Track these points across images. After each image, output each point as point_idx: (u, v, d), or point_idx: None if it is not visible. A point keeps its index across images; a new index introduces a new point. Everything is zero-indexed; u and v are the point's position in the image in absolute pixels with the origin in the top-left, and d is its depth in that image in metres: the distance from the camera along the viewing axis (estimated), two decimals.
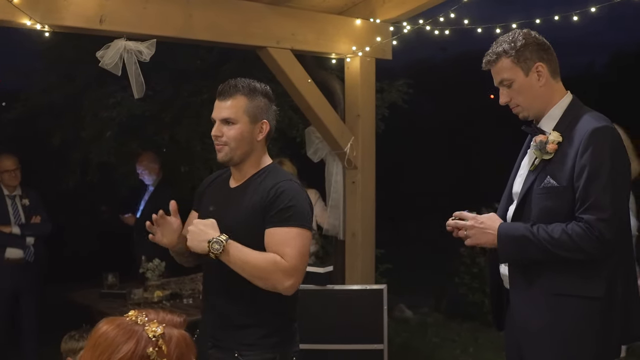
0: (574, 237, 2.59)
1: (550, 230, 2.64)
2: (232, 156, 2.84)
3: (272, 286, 2.69)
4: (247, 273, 2.68)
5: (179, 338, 1.76)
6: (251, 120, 2.82)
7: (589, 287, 2.65)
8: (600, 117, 2.73)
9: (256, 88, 2.86)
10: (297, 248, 2.69)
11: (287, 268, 2.66)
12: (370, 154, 5.44)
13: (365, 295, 4.63)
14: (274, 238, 2.71)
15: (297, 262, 2.68)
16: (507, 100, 2.87)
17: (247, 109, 2.82)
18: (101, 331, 1.73)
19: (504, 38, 2.86)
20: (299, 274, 2.71)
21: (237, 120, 2.81)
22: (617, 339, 2.72)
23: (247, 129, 2.82)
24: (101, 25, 4.04)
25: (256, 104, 2.84)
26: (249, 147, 2.84)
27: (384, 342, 4.52)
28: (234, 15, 4.58)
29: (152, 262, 5.56)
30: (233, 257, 2.66)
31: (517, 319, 2.85)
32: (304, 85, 5.00)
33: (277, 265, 2.65)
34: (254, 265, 2.67)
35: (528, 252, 2.69)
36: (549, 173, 2.71)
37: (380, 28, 5.26)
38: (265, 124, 2.86)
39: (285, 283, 2.67)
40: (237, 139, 2.81)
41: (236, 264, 2.67)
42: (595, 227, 2.56)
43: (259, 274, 2.67)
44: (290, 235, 2.70)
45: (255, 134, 2.85)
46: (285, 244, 2.69)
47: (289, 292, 2.72)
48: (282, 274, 2.66)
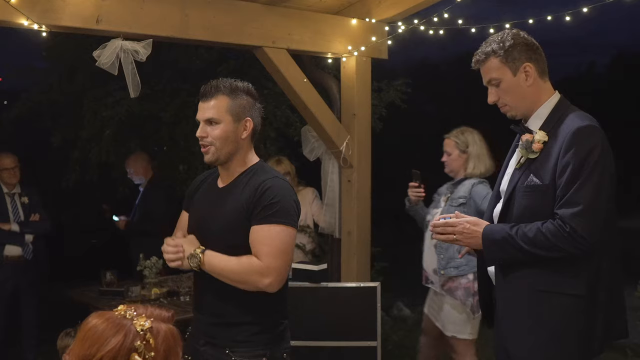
0: (548, 235, 2.63)
1: (527, 230, 2.68)
2: (219, 156, 2.89)
3: (253, 287, 2.77)
4: (227, 279, 2.79)
5: (167, 332, 1.80)
6: (234, 119, 2.86)
7: (570, 284, 2.69)
8: (585, 117, 2.76)
9: (238, 87, 2.90)
10: (274, 246, 2.75)
11: (262, 268, 2.73)
12: (366, 153, 5.47)
13: (359, 292, 4.66)
14: (255, 236, 2.78)
15: (273, 260, 2.74)
16: (495, 100, 2.90)
17: (230, 108, 2.86)
18: (90, 325, 1.77)
19: (493, 38, 2.90)
20: (276, 272, 2.76)
21: (220, 120, 2.85)
22: (600, 337, 2.75)
23: (231, 128, 2.86)
24: (98, 25, 4.08)
25: (238, 103, 2.88)
26: (234, 146, 2.89)
27: (377, 339, 4.55)
28: (230, 15, 4.62)
29: (150, 260, 5.59)
30: (211, 268, 2.79)
31: (501, 316, 2.89)
32: (300, 84, 5.03)
33: (251, 266, 2.74)
34: (230, 270, 2.77)
35: (510, 254, 2.74)
36: (533, 171, 2.75)
37: (376, 28, 5.29)
38: (249, 121, 2.90)
39: (263, 282, 2.74)
40: (222, 138, 2.85)
41: (215, 273, 2.80)
42: (567, 223, 2.59)
43: (237, 278, 2.78)
44: (270, 234, 2.76)
45: (240, 132, 2.88)
46: (263, 243, 2.76)
47: (272, 290, 2.78)
48: (258, 275, 2.74)
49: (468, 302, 4.51)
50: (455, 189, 4.64)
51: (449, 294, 4.57)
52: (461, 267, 4.48)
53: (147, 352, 1.73)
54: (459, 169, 4.67)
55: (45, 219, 6.30)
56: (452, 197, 4.60)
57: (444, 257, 4.55)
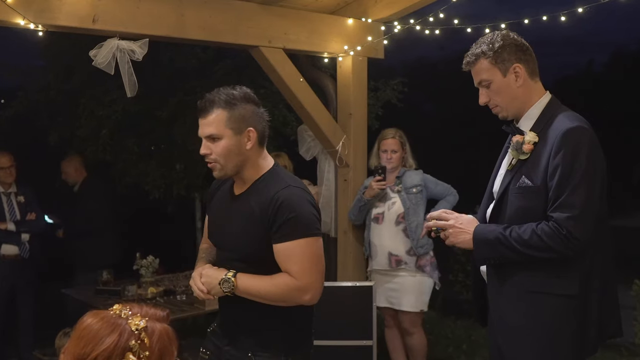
0: (543, 237, 2.63)
1: (521, 231, 2.68)
2: (226, 171, 2.81)
3: (294, 303, 2.74)
4: (265, 301, 2.72)
5: (162, 331, 1.81)
6: (235, 132, 2.75)
7: (562, 284, 2.69)
8: (575, 118, 2.76)
9: (235, 97, 2.76)
10: (304, 262, 2.68)
11: (299, 286, 2.68)
12: (362, 152, 5.49)
13: (355, 292, 4.67)
14: (282, 256, 2.71)
15: (307, 277, 2.68)
16: (486, 101, 2.91)
17: (229, 122, 2.73)
18: (85, 324, 1.78)
19: (482, 39, 2.89)
20: (313, 286, 2.71)
21: (221, 135, 2.74)
22: (593, 337, 2.75)
23: (233, 141, 2.75)
24: (94, 25, 4.09)
25: (237, 114, 2.75)
26: (239, 159, 2.79)
27: (373, 338, 4.57)
28: (226, 14, 4.63)
29: (146, 259, 5.60)
30: (245, 290, 2.71)
31: (494, 316, 2.90)
32: (296, 84, 5.05)
33: (288, 286, 2.68)
34: (267, 293, 2.71)
35: (501, 254, 2.75)
36: (524, 173, 2.76)
37: (372, 27, 5.31)
38: (252, 131, 2.78)
39: (304, 298, 2.71)
40: (224, 154, 2.76)
41: (250, 296, 2.73)
42: (564, 226, 2.60)
43: (276, 299, 2.72)
44: (296, 251, 2.68)
45: (243, 144, 2.77)
46: (292, 261, 2.69)
47: (313, 302, 2.76)
48: (297, 292, 2.69)
49: (435, 275, 5.16)
50: (402, 181, 5.15)
51: (420, 271, 5.08)
52: (425, 246, 5.08)
53: (141, 352, 1.74)
54: (399, 163, 5.20)
55: (42, 217, 6.30)
56: (405, 188, 5.11)
57: (414, 239, 5.04)
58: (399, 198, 5.11)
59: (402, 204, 5.09)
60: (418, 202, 5.10)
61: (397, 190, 5.13)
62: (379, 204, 5.16)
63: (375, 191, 5.04)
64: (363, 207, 5.15)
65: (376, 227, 5.15)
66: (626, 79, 22.18)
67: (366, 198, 5.10)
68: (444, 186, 5.23)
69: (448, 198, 5.18)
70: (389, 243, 5.11)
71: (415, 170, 5.25)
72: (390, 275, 5.14)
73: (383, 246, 5.12)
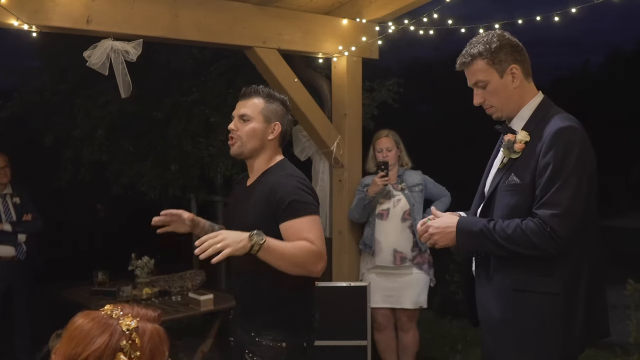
0: (527, 232, 2.64)
1: (505, 225, 2.69)
2: (243, 150, 3.11)
3: (307, 272, 2.91)
4: (284, 263, 2.84)
5: (153, 332, 1.81)
6: (265, 120, 3.10)
7: (546, 283, 2.70)
8: (566, 117, 2.77)
9: (274, 95, 3.16)
10: (315, 232, 2.90)
11: (317, 251, 2.88)
12: (356, 152, 5.50)
13: (350, 292, 4.69)
14: (291, 229, 2.91)
15: (321, 245, 2.90)
16: (481, 101, 2.90)
17: (263, 110, 3.11)
18: (77, 324, 1.79)
19: (477, 39, 2.88)
20: (325, 256, 2.93)
21: (252, 118, 3.09)
22: (578, 337, 2.75)
23: (260, 127, 3.09)
24: (88, 26, 4.10)
25: (272, 108, 3.12)
26: (259, 144, 3.11)
27: (367, 338, 4.58)
28: (220, 15, 4.63)
29: (141, 260, 5.60)
30: (270, 248, 2.77)
31: (482, 315, 2.90)
32: (290, 84, 5.05)
33: (309, 250, 2.86)
34: (289, 254, 2.83)
35: (483, 247, 2.77)
36: (514, 171, 2.76)
37: (366, 28, 5.32)
38: (278, 125, 3.13)
39: (318, 266, 2.90)
40: (249, 133, 3.09)
41: (275, 256, 2.81)
42: (548, 223, 2.61)
43: (297, 262, 2.85)
44: (305, 224, 2.90)
45: (267, 133, 3.11)
46: (305, 231, 2.89)
47: (320, 274, 2.95)
48: (315, 258, 2.87)
49: (431, 273, 5.27)
50: (403, 179, 5.26)
51: (417, 267, 5.19)
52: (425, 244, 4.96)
53: (132, 352, 1.74)
54: (396, 161, 5.28)
55: (38, 218, 6.29)
56: (407, 186, 5.24)
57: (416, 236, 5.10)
58: (403, 195, 5.22)
59: (408, 201, 5.18)
60: (419, 200, 5.24)
61: (400, 188, 5.24)
62: (384, 200, 5.23)
63: (380, 187, 5.08)
64: (367, 204, 5.17)
65: (381, 223, 5.21)
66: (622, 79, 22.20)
67: (370, 195, 5.13)
68: (440, 188, 5.39)
69: (443, 199, 5.33)
70: (394, 239, 5.17)
71: (415, 170, 5.38)
72: (391, 273, 5.18)
73: (388, 242, 5.17)
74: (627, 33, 28.39)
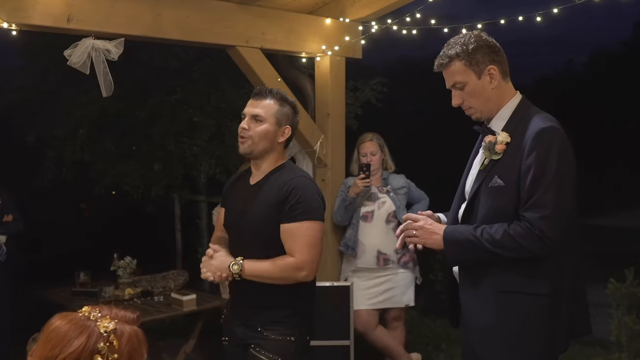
0: (516, 237, 2.63)
1: (493, 231, 2.68)
2: (253, 150, 3.16)
3: (292, 281, 3.06)
4: (267, 280, 3.07)
5: (131, 334, 1.79)
6: (277, 123, 3.17)
7: (534, 284, 2.70)
8: (547, 118, 2.77)
9: (287, 99, 3.23)
10: (304, 242, 3.03)
11: (296, 263, 3.02)
12: (340, 152, 5.49)
13: (333, 292, 4.68)
14: (286, 234, 3.06)
15: (304, 255, 3.02)
16: (460, 102, 2.89)
17: (276, 113, 3.17)
18: (54, 326, 1.76)
19: (455, 40, 2.87)
20: (309, 264, 3.04)
21: (265, 119, 3.15)
22: (563, 335, 2.77)
23: (272, 129, 3.16)
24: (69, 24, 4.05)
25: (284, 111, 3.19)
26: (269, 145, 3.17)
27: (350, 338, 4.57)
28: (203, 14, 4.60)
29: (124, 260, 5.57)
30: (251, 272, 3.07)
31: (467, 317, 2.90)
32: (274, 84, 5.01)
33: (287, 265, 3.04)
34: (269, 274, 3.06)
35: (473, 255, 2.75)
36: (497, 173, 2.75)
37: (349, 27, 5.31)
38: (288, 129, 3.21)
39: (300, 275, 3.04)
40: (261, 135, 3.14)
41: (255, 277, 3.08)
42: (536, 226, 2.60)
43: (276, 278, 3.06)
44: (298, 231, 3.04)
45: (277, 136, 3.18)
46: (293, 240, 3.04)
47: (309, 279, 3.10)
48: (294, 270, 3.03)
49: (416, 270, 5.32)
50: (388, 182, 5.30)
51: (403, 267, 5.22)
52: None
53: (110, 354, 1.72)
54: (380, 165, 5.30)
55: (19, 219, 6.22)
56: (393, 189, 5.28)
57: None
58: (388, 198, 5.23)
59: (393, 203, 5.20)
60: (404, 202, 5.28)
61: (386, 191, 5.26)
62: (368, 202, 5.24)
63: (360, 189, 5.08)
64: (349, 206, 5.18)
65: (365, 225, 5.21)
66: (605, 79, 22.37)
67: (351, 196, 5.14)
68: (420, 191, 5.45)
69: (423, 202, 5.40)
70: (378, 241, 5.18)
71: (398, 174, 5.41)
72: (375, 275, 5.18)
73: (372, 244, 5.18)
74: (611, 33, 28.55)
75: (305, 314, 3.20)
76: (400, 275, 5.22)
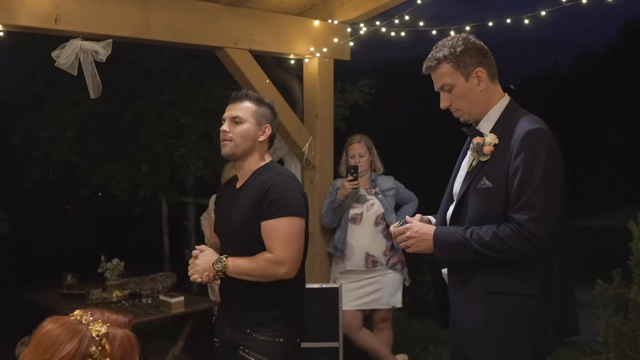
0: (505, 238, 2.65)
1: (482, 233, 2.70)
2: (235, 151, 3.23)
3: (273, 278, 3.08)
4: (249, 277, 3.10)
5: (123, 338, 1.78)
6: (256, 122, 3.24)
7: (522, 285, 2.71)
8: (534, 120, 2.78)
9: (263, 100, 3.31)
10: (283, 239, 3.06)
11: (276, 260, 3.05)
12: (328, 154, 5.49)
13: (322, 293, 4.68)
14: (265, 232, 3.10)
15: (283, 251, 3.05)
16: (448, 105, 2.91)
17: (254, 113, 3.24)
18: (45, 330, 1.75)
19: (443, 43, 2.88)
20: (289, 261, 3.07)
21: (244, 120, 3.22)
22: (552, 336, 2.78)
23: (253, 128, 3.23)
24: (56, 25, 4.03)
25: (262, 111, 3.27)
26: (250, 145, 3.24)
27: (339, 340, 4.57)
28: (191, 15, 4.59)
29: (111, 262, 5.55)
30: (234, 270, 3.10)
31: (456, 318, 2.91)
32: (262, 85, 5.02)
33: (267, 261, 3.06)
34: (251, 271, 3.09)
35: (463, 257, 2.76)
36: (485, 174, 2.77)
37: (338, 29, 5.31)
38: (268, 128, 3.27)
39: (280, 271, 3.06)
40: (242, 135, 3.21)
41: (238, 274, 3.11)
42: (525, 227, 2.62)
43: (257, 274, 3.09)
44: (277, 228, 3.07)
45: (258, 135, 3.24)
46: (272, 237, 3.08)
47: (290, 276, 3.10)
48: (274, 266, 3.06)
49: (405, 272, 5.33)
50: (377, 184, 5.33)
51: (392, 269, 5.23)
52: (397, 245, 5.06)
53: (102, 358, 1.72)
54: (368, 167, 5.32)
55: (4, 220, 6.19)
56: (381, 190, 5.30)
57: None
58: (377, 200, 5.25)
59: (382, 205, 5.21)
60: (392, 204, 5.30)
61: (374, 193, 5.29)
62: (357, 204, 5.25)
63: (348, 191, 5.09)
64: (337, 208, 5.18)
65: (354, 227, 5.23)
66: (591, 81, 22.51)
67: (339, 199, 5.14)
68: (410, 193, 5.47)
69: (412, 203, 5.42)
70: (366, 243, 5.19)
71: (386, 176, 5.43)
72: (364, 277, 5.20)
73: (360, 246, 5.19)
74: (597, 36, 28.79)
75: (295, 315, 3.22)
76: (388, 277, 5.23)
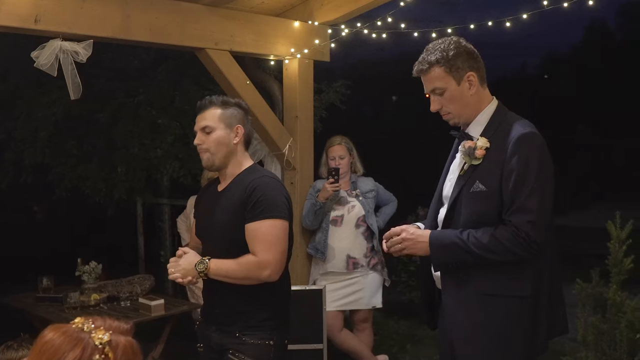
0: (502, 240, 2.68)
1: (479, 235, 2.72)
2: (214, 160, 3.21)
3: (256, 280, 3.06)
4: (232, 280, 3.08)
5: (126, 345, 1.76)
6: (226, 126, 3.20)
7: (516, 286, 2.74)
8: (526, 124, 2.82)
9: (229, 101, 3.26)
10: (266, 241, 3.03)
11: (259, 262, 3.02)
12: (308, 155, 5.49)
13: (305, 295, 4.67)
14: (249, 234, 3.06)
15: (266, 254, 3.02)
16: (438, 108, 2.92)
17: (222, 117, 3.20)
18: (47, 338, 1.72)
19: (434, 46, 2.89)
20: (272, 263, 3.04)
21: (213, 127, 3.18)
22: (543, 336, 2.82)
23: (224, 133, 3.19)
24: (36, 25, 3.96)
25: (230, 113, 3.22)
26: (227, 150, 3.20)
27: (323, 342, 4.57)
28: (172, 16, 4.55)
29: (89, 265, 5.48)
30: (216, 272, 3.08)
31: (448, 319, 2.92)
32: (242, 86, 5.01)
33: (249, 263, 3.03)
34: (234, 273, 3.06)
35: (459, 258, 2.78)
36: (478, 178, 2.79)
37: (318, 30, 5.31)
38: (240, 128, 3.22)
39: (263, 274, 3.02)
40: (216, 142, 3.18)
41: (221, 277, 3.09)
42: (522, 230, 2.65)
43: (240, 276, 3.06)
44: (260, 230, 3.04)
45: (232, 138, 3.20)
46: (255, 240, 3.04)
47: (273, 279, 3.07)
48: (257, 268, 3.02)
49: (384, 272, 5.37)
50: (357, 186, 5.34)
51: (372, 269, 5.27)
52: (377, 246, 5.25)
53: None
54: (349, 169, 5.35)
55: None
56: (362, 192, 5.31)
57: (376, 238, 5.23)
58: (357, 202, 5.26)
59: (362, 207, 5.23)
60: (373, 206, 5.32)
61: (355, 195, 5.30)
62: (337, 207, 5.26)
63: (330, 193, 5.09)
64: (319, 210, 5.18)
65: (335, 229, 5.24)
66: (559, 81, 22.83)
67: (320, 201, 5.14)
68: (389, 193, 5.50)
69: (392, 204, 5.48)
70: (348, 245, 5.21)
71: (366, 177, 5.45)
72: (344, 278, 5.21)
73: (342, 248, 5.21)
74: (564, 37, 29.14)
75: (282, 317, 3.22)
76: (369, 277, 5.26)
